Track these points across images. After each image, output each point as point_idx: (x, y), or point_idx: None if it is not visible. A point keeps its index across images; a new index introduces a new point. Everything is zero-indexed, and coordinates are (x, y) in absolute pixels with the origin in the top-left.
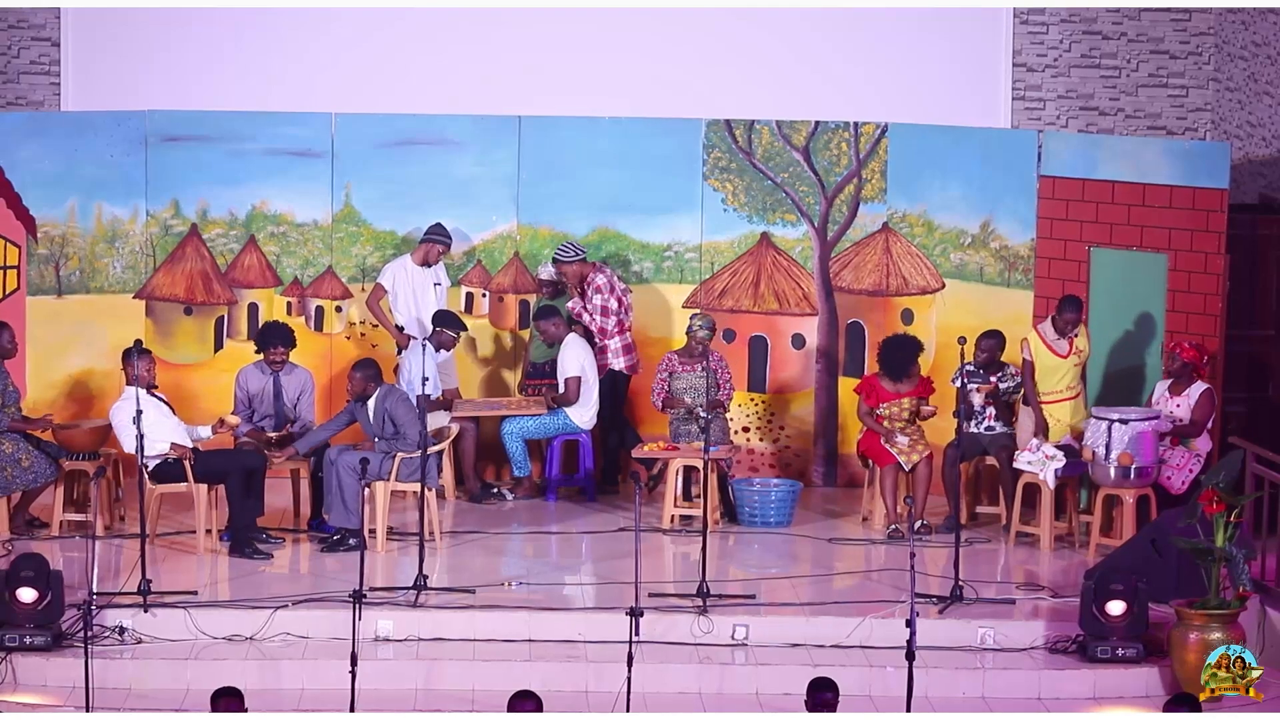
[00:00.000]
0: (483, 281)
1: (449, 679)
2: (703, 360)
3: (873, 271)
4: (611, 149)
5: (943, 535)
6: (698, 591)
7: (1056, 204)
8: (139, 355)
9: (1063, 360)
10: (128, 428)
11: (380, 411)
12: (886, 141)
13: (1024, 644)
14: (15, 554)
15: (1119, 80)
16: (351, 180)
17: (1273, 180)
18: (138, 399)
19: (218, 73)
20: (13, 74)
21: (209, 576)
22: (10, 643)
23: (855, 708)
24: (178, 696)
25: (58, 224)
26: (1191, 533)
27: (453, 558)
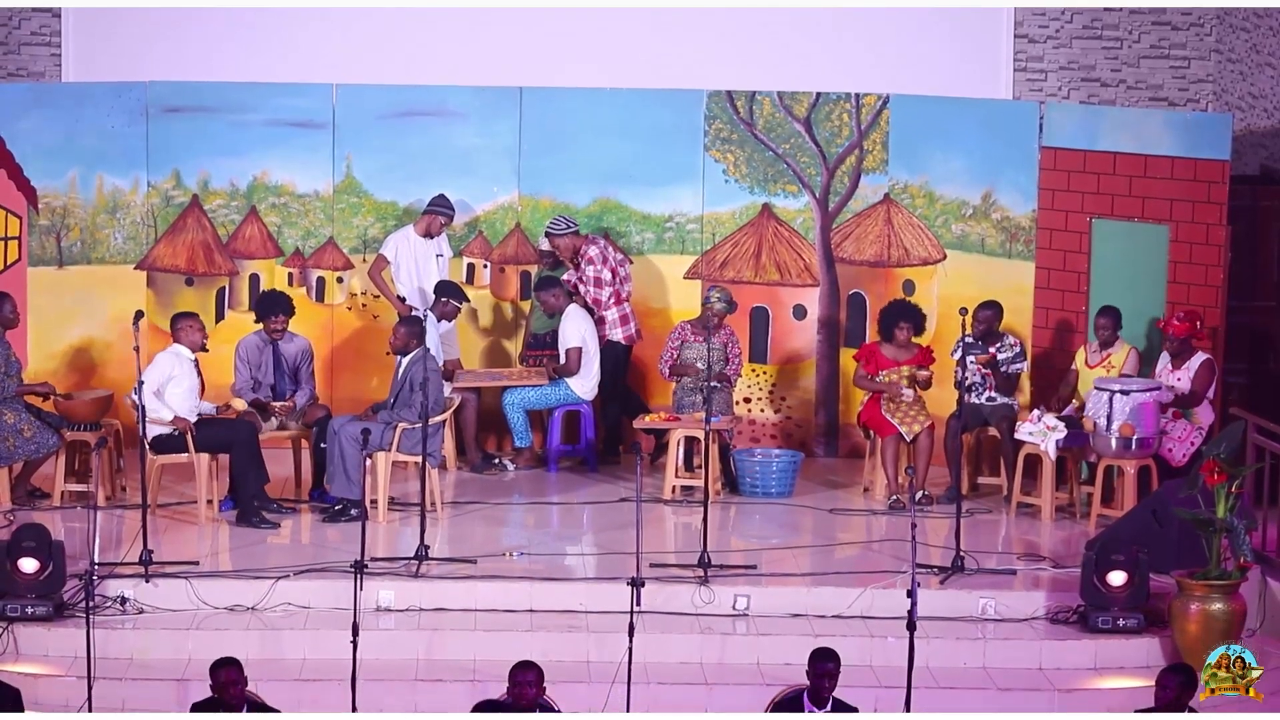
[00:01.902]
0: (484, 252)
1: (450, 649)
2: (716, 333)
3: (874, 242)
4: (613, 120)
5: (944, 506)
6: (699, 562)
7: (1058, 175)
8: (189, 318)
9: (1090, 370)
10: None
11: (410, 371)
12: (888, 112)
13: (1025, 614)
14: (17, 524)
15: (1121, 51)
16: (353, 151)
17: (1274, 151)
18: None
19: (219, 44)
20: (13, 45)
21: (210, 547)
22: (12, 613)
23: (856, 678)
24: (179, 666)
25: (59, 195)
26: (1192, 503)
27: (454, 528)
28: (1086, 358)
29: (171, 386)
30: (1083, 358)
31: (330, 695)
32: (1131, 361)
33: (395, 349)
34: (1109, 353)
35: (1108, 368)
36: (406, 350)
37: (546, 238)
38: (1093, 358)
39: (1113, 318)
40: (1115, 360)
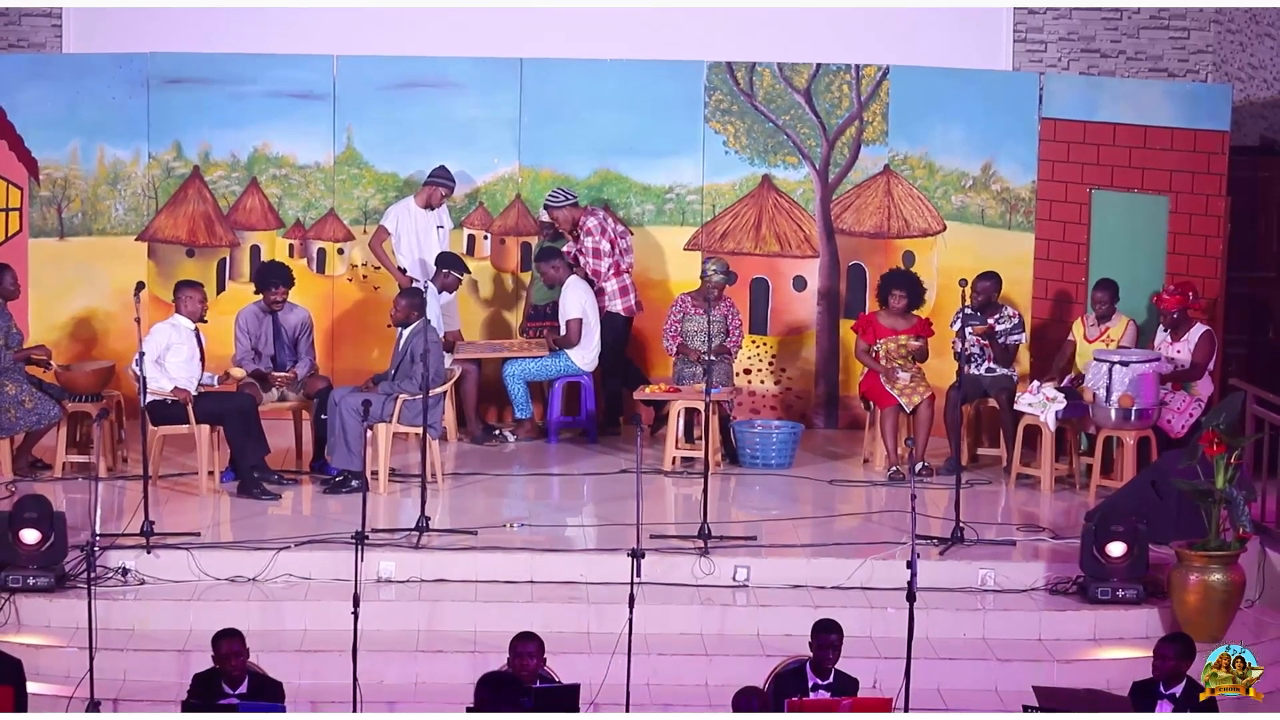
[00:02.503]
0: (484, 224)
1: (451, 620)
2: (716, 305)
3: (874, 214)
4: (613, 91)
5: (943, 477)
6: (699, 533)
7: (1058, 146)
8: (190, 287)
9: (1089, 344)
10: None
11: (410, 343)
12: (888, 84)
13: (1024, 585)
14: (18, 495)
15: (1120, 22)
16: (353, 123)
17: (1274, 122)
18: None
19: (219, 15)
20: (14, 16)
21: (211, 518)
22: (14, 584)
23: (857, 649)
24: (181, 638)
25: (60, 166)
26: (1192, 474)
27: (455, 499)
28: (1085, 331)
29: (170, 356)
30: (1080, 330)
31: (331, 666)
32: (1130, 334)
33: (396, 321)
34: (1107, 326)
35: (1106, 341)
36: (407, 322)
37: (545, 210)
38: (1091, 331)
39: (1110, 291)
40: (1114, 333)
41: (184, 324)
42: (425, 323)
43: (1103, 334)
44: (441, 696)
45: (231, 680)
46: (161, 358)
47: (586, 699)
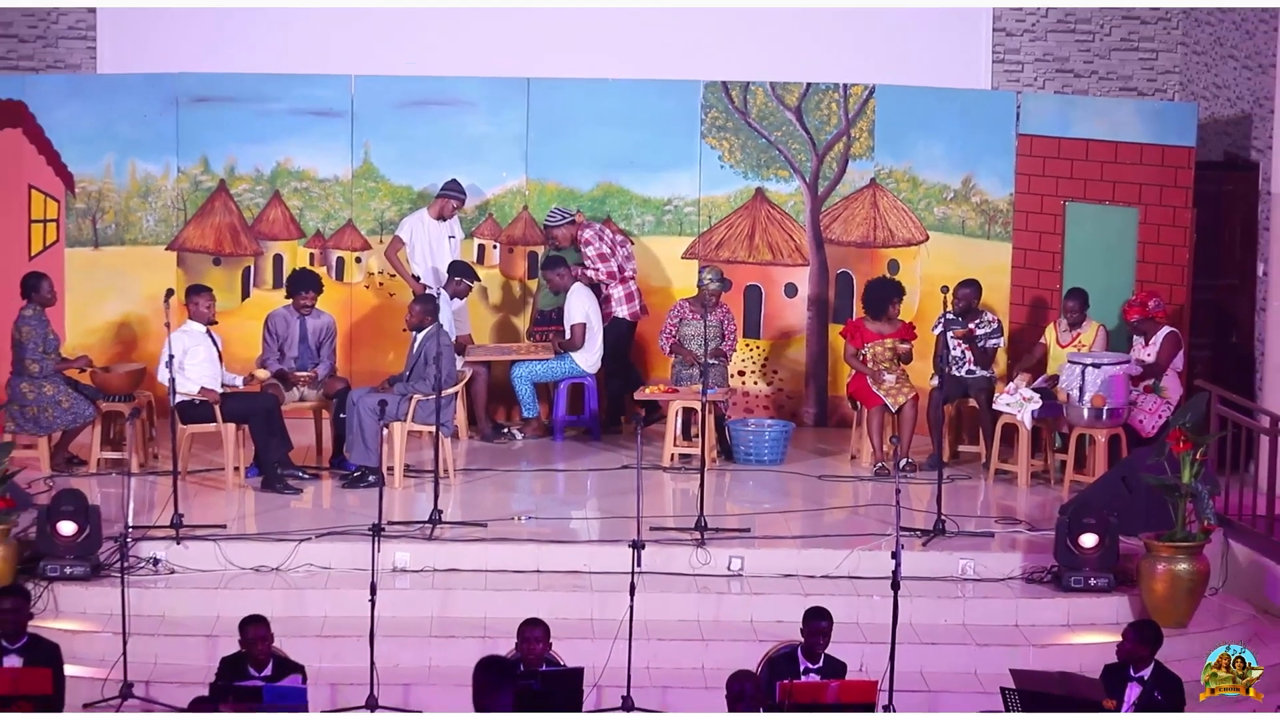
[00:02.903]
0: (494, 234)
1: (462, 607)
2: (712, 311)
3: (861, 224)
4: (615, 109)
5: (926, 472)
6: (696, 525)
7: (1034, 161)
8: (198, 293)
9: (1062, 350)
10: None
11: (424, 346)
12: (874, 102)
13: (1002, 574)
14: (56, 490)
15: (1093, 44)
16: (370, 138)
17: (1237, 139)
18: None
19: (244, 36)
20: (52, 38)
21: (237, 511)
22: (52, 573)
23: (844, 635)
24: (209, 624)
25: (94, 180)
26: (1160, 470)
27: (466, 494)
28: (1057, 336)
29: (189, 359)
30: (1053, 336)
31: (350, 650)
32: (1100, 339)
33: (410, 325)
34: (1078, 332)
35: (1078, 346)
36: (421, 326)
37: (545, 230)
38: (1063, 337)
39: (1080, 300)
40: (1085, 339)
41: (195, 328)
42: (438, 327)
43: (1074, 339)
44: (453, 679)
45: (257, 663)
46: (181, 362)
47: (590, 682)
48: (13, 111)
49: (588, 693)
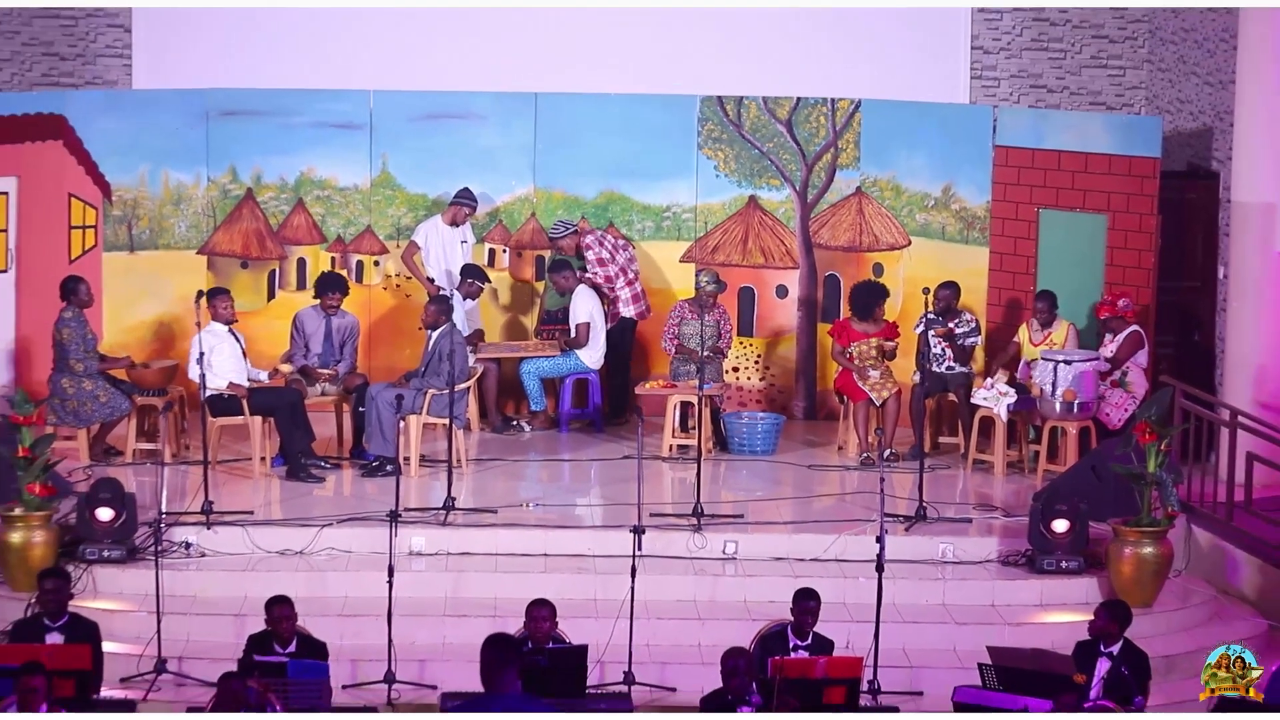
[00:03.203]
0: (504, 239)
1: (473, 588)
2: (710, 312)
3: (847, 230)
4: (617, 121)
5: (908, 462)
6: (693, 512)
7: (1009, 171)
8: (216, 295)
9: (1034, 348)
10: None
11: (438, 344)
12: (860, 115)
13: (979, 558)
14: (94, 479)
15: (1064, 61)
16: (387, 150)
17: (1199, 150)
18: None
19: (270, 54)
20: (90, 57)
21: (263, 498)
22: (91, 556)
23: (832, 614)
24: (237, 604)
25: (130, 189)
26: (1127, 460)
27: (477, 482)
28: (1030, 336)
29: (214, 357)
30: (1026, 335)
31: (369, 629)
32: (1071, 337)
33: (425, 324)
34: (1049, 332)
35: (1049, 344)
36: (435, 326)
37: (550, 241)
38: (1035, 336)
39: (1049, 301)
40: (1056, 338)
41: (219, 328)
42: (451, 326)
43: (1046, 338)
44: (465, 656)
45: (282, 640)
46: (209, 360)
47: (594, 658)
48: (54, 125)
49: (591, 669)
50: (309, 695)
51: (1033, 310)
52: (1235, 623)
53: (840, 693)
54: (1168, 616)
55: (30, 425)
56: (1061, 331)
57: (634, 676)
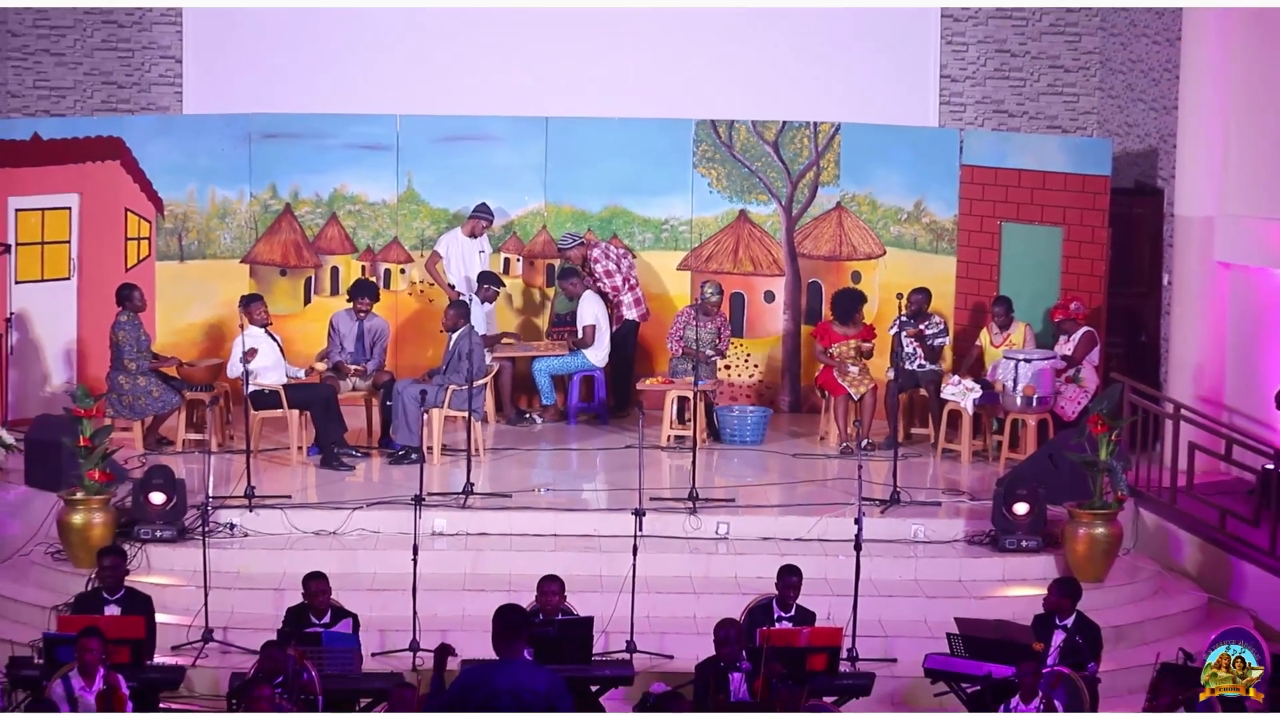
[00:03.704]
0: (517, 249)
1: (490, 565)
2: (712, 318)
3: (828, 241)
4: (620, 143)
5: (884, 451)
6: (689, 496)
7: (974, 187)
8: (252, 301)
9: (995, 349)
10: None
11: (458, 344)
12: (839, 137)
13: (948, 537)
14: (147, 466)
15: (1024, 89)
16: (412, 168)
17: (1145, 169)
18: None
19: (306, 82)
20: (145, 85)
21: (300, 483)
22: (145, 536)
23: (813, 589)
24: (276, 579)
25: (180, 204)
26: (1081, 449)
27: (494, 469)
28: (991, 337)
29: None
30: (987, 337)
31: (396, 602)
32: (1028, 338)
33: (446, 327)
34: (1008, 333)
35: (1009, 344)
36: (455, 328)
37: (559, 253)
38: (996, 338)
39: (1005, 305)
40: (1015, 339)
41: (255, 331)
42: (469, 328)
43: (1005, 339)
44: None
45: (317, 612)
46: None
47: (599, 629)
48: (112, 146)
49: (597, 638)
50: (341, 662)
51: (991, 314)
52: (1178, 596)
53: (822, 660)
54: (1117, 590)
55: (90, 418)
56: (1019, 333)
57: (635, 645)
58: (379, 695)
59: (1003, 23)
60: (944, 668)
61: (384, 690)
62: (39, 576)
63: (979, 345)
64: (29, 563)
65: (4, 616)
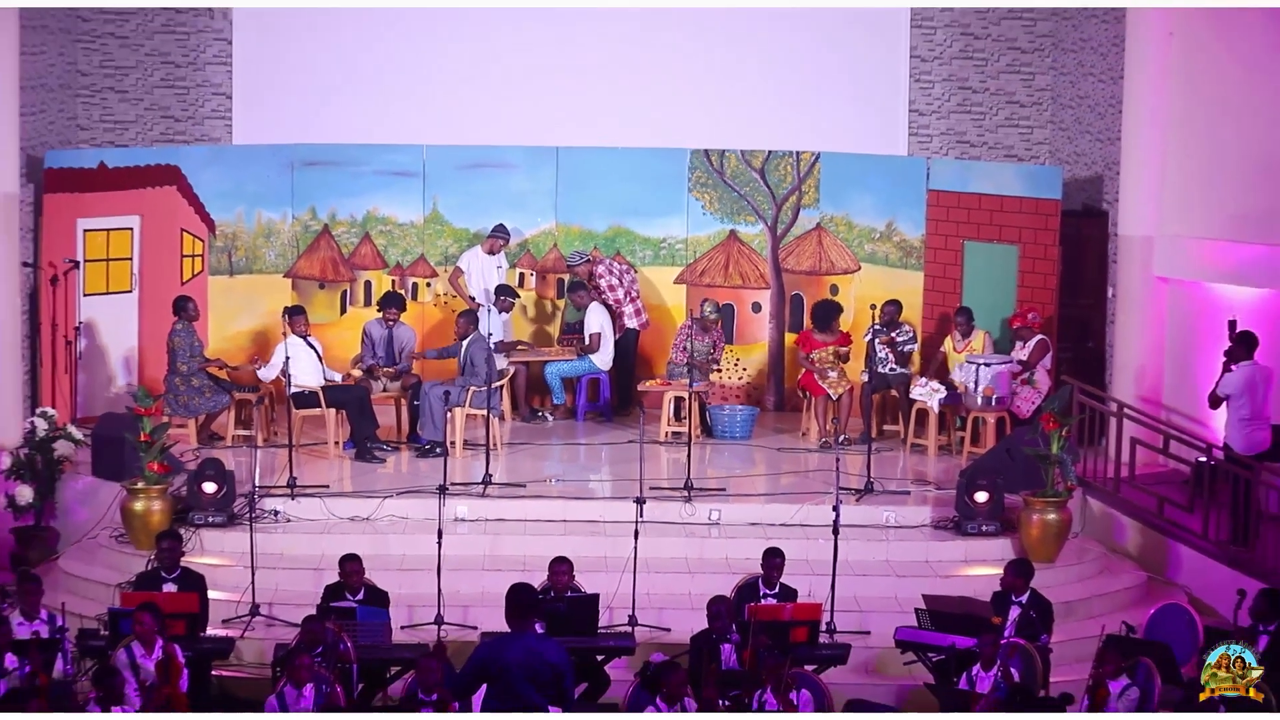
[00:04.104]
0: (531, 264)
1: (507, 548)
2: (710, 332)
3: (809, 257)
4: (623, 170)
5: (858, 445)
6: (684, 485)
7: (940, 209)
8: (294, 313)
9: (958, 354)
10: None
11: (469, 351)
12: (819, 165)
13: (916, 522)
14: (201, 458)
15: (984, 122)
16: (437, 192)
17: (1092, 194)
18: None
19: (342, 116)
20: (199, 118)
21: (337, 474)
22: (198, 521)
23: (796, 569)
24: (316, 560)
25: (230, 224)
26: (1035, 443)
27: (510, 462)
28: (954, 344)
29: (296, 364)
30: (950, 344)
31: (422, 580)
32: (987, 344)
33: (458, 335)
34: (968, 340)
35: (970, 350)
36: (466, 334)
37: (568, 268)
38: (959, 345)
39: (966, 315)
40: (975, 345)
41: (296, 340)
42: (478, 335)
43: (966, 346)
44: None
45: (353, 589)
46: (288, 366)
47: (604, 604)
48: (169, 173)
49: (602, 613)
50: (374, 634)
51: (954, 323)
52: (1121, 574)
53: (803, 632)
54: (1067, 569)
55: (149, 415)
56: (979, 340)
57: (637, 619)
58: (407, 664)
59: (965, 63)
60: (913, 639)
61: (412, 659)
62: (105, 557)
63: (944, 351)
64: (96, 545)
65: (74, 593)
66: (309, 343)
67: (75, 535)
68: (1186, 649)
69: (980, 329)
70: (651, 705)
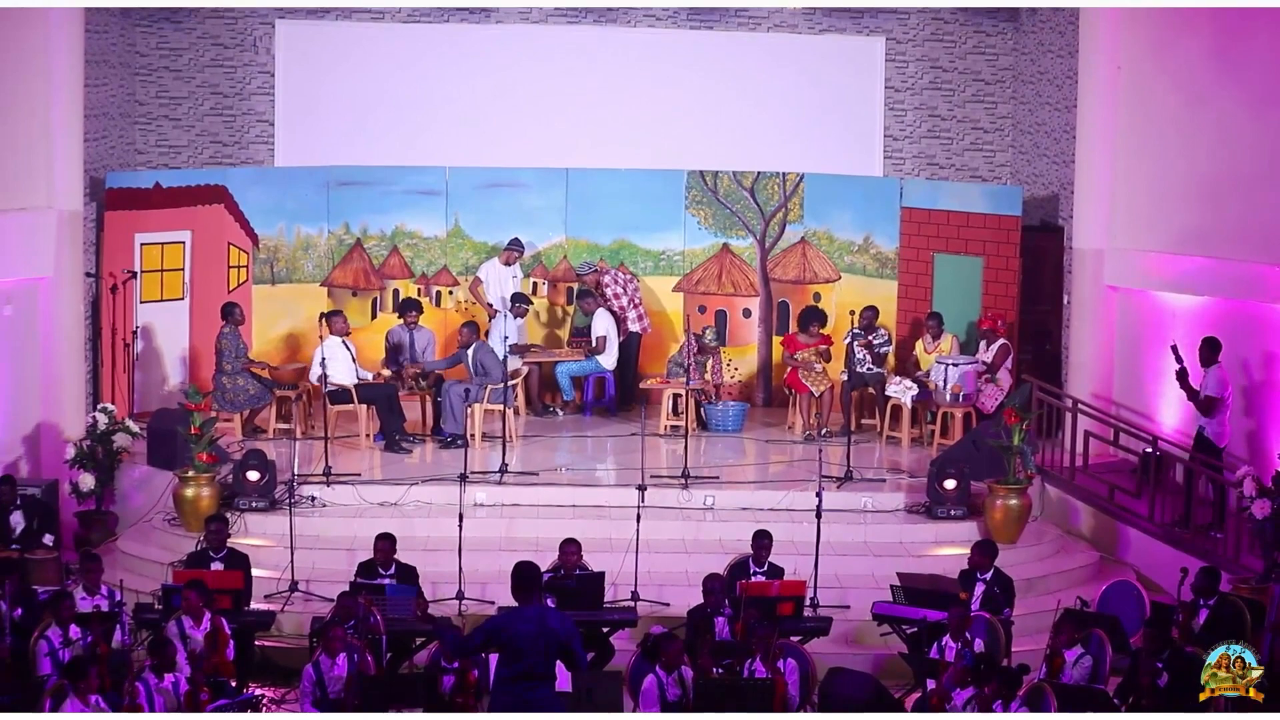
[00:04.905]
0: (543, 274)
1: (521, 531)
2: (709, 355)
3: (794, 268)
4: (626, 189)
5: (839, 438)
6: (682, 474)
7: (913, 225)
8: (333, 315)
9: (928, 356)
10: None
11: (476, 358)
12: (803, 185)
13: (891, 508)
14: (245, 450)
15: (952, 146)
16: (459, 210)
17: (1049, 211)
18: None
19: (373, 141)
20: (245, 143)
21: (368, 464)
22: (242, 506)
23: (782, 551)
24: (349, 541)
25: (272, 238)
26: (998, 436)
27: (524, 452)
28: (925, 346)
29: (331, 364)
30: (921, 347)
31: (445, 559)
32: (955, 345)
33: (461, 344)
34: (938, 343)
35: (940, 351)
36: (469, 344)
37: (577, 277)
38: (929, 347)
39: (937, 320)
40: (944, 347)
41: (334, 341)
42: (480, 343)
43: (936, 347)
44: None
45: (384, 565)
46: (326, 365)
47: (609, 582)
48: (217, 193)
49: (608, 590)
50: (402, 608)
51: (925, 327)
52: (1076, 554)
53: (790, 606)
54: (1027, 550)
55: (199, 411)
56: (947, 342)
57: (639, 595)
58: (430, 635)
59: (934, 93)
60: (888, 612)
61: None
62: (159, 539)
63: (915, 355)
64: (150, 528)
65: (131, 570)
66: (345, 344)
67: (132, 519)
68: (1134, 621)
69: (949, 332)
70: (651, 673)
